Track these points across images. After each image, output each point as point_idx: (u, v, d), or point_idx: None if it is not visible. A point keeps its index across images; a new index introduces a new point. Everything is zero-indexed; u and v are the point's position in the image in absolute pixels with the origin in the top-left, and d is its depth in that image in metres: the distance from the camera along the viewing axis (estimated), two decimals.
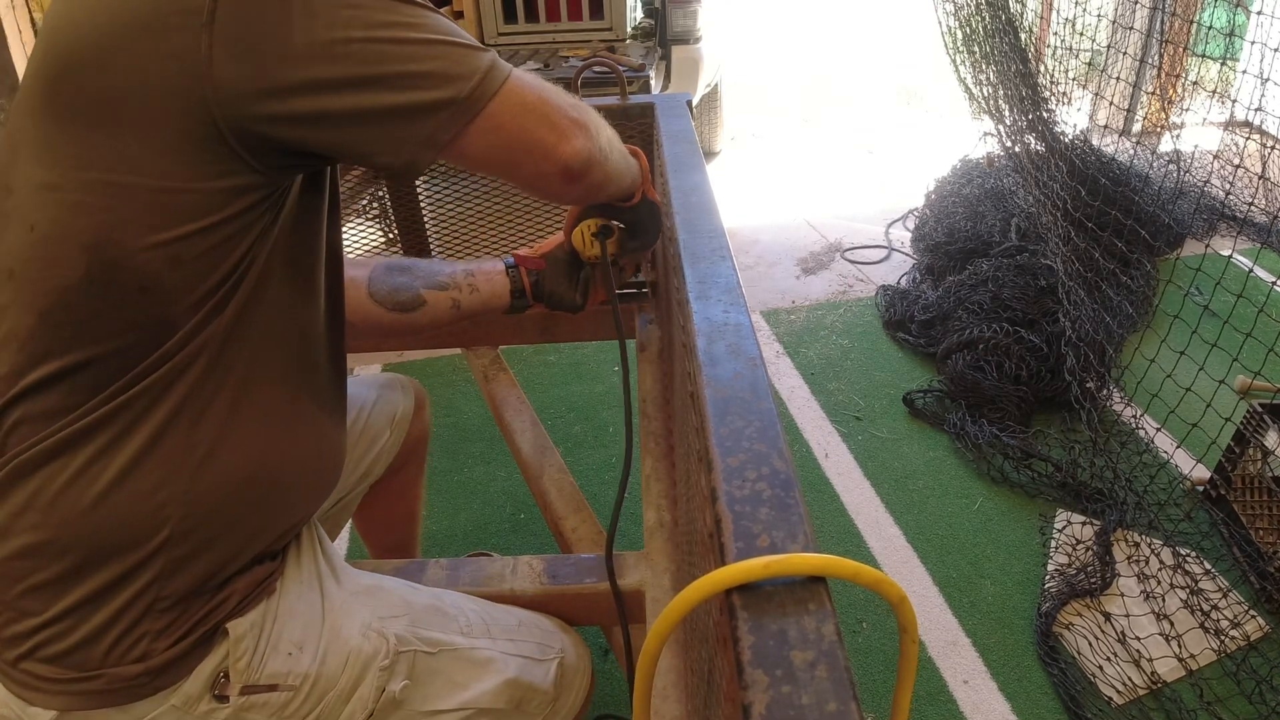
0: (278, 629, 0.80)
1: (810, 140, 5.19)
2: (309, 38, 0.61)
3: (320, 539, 0.92)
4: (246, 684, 0.77)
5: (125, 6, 0.61)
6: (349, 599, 0.88)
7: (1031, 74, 3.00)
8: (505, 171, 0.76)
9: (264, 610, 0.80)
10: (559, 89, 0.77)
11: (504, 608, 1.01)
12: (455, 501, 2.16)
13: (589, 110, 0.80)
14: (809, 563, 0.45)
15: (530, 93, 0.72)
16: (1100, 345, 2.36)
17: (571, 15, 3.44)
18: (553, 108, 0.74)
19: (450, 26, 0.69)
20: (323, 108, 0.63)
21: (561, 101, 0.75)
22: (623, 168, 0.92)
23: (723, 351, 0.68)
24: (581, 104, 0.79)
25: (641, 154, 1.03)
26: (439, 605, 0.95)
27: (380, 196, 2.48)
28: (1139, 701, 1.58)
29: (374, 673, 0.85)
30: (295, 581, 0.85)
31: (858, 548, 1.98)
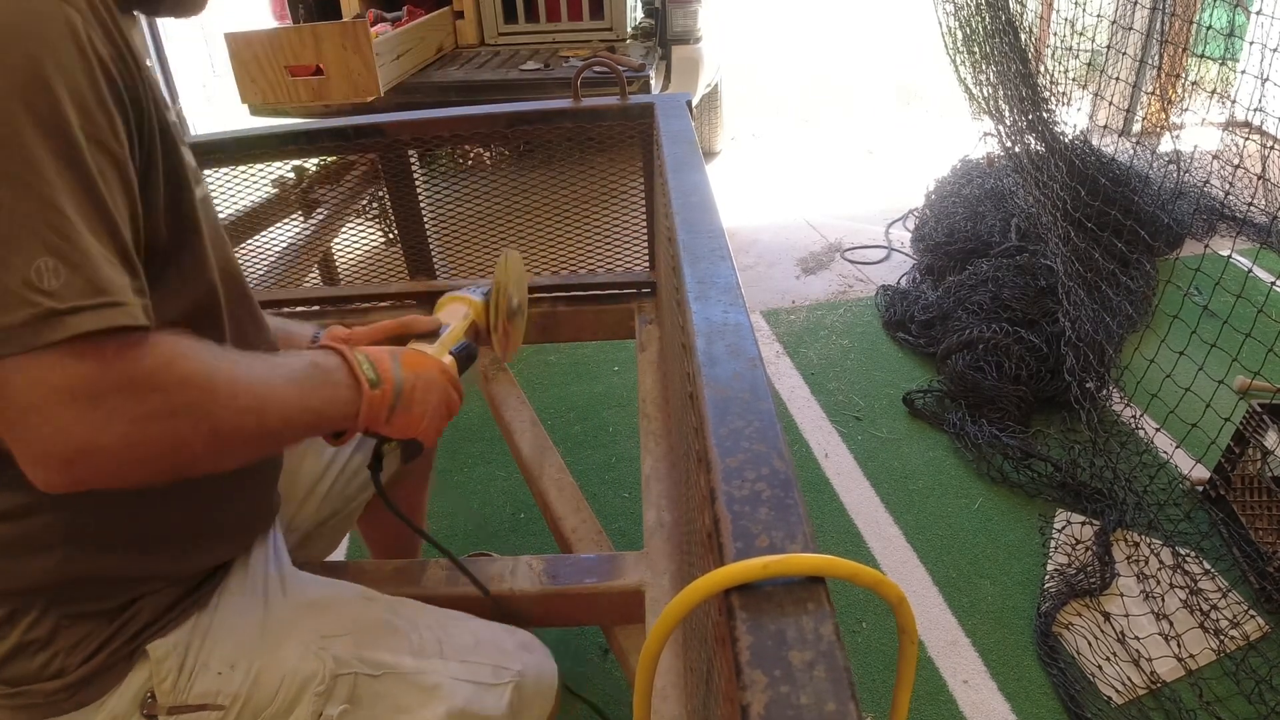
0: (209, 646, 0.79)
1: (810, 140, 5.19)
2: None
3: (275, 546, 0.90)
4: (173, 705, 0.77)
5: None
6: (293, 614, 0.85)
7: (1031, 74, 3.00)
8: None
9: (193, 626, 0.78)
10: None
11: (465, 623, 0.97)
12: (455, 501, 2.16)
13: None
14: (808, 563, 0.45)
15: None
16: (1100, 345, 2.37)
17: (571, 15, 3.45)
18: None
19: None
20: None
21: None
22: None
23: (722, 351, 0.68)
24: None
25: (365, 391, 0.79)
26: (392, 620, 0.91)
27: (380, 196, 2.48)
28: (1138, 701, 1.58)
29: (310, 696, 0.82)
30: (238, 594, 0.82)
31: (857, 548, 1.98)
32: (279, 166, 1.89)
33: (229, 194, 1.91)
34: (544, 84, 2.93)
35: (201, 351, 0.65)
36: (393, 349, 0.87)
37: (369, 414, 0.79)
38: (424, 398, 0.85)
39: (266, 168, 1.83)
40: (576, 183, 1.86)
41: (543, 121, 1.66)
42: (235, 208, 2.02)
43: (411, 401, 0.84)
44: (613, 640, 1.13)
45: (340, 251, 2.43)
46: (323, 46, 2.52)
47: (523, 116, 1.66)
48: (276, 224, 2.13)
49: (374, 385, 0.79)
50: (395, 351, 0.86)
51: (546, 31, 3.47)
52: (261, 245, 1.99)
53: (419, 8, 3.33)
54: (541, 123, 1.67)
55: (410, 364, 0.86)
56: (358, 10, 3.16)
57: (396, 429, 0.83)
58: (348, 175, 2.58)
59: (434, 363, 0.89)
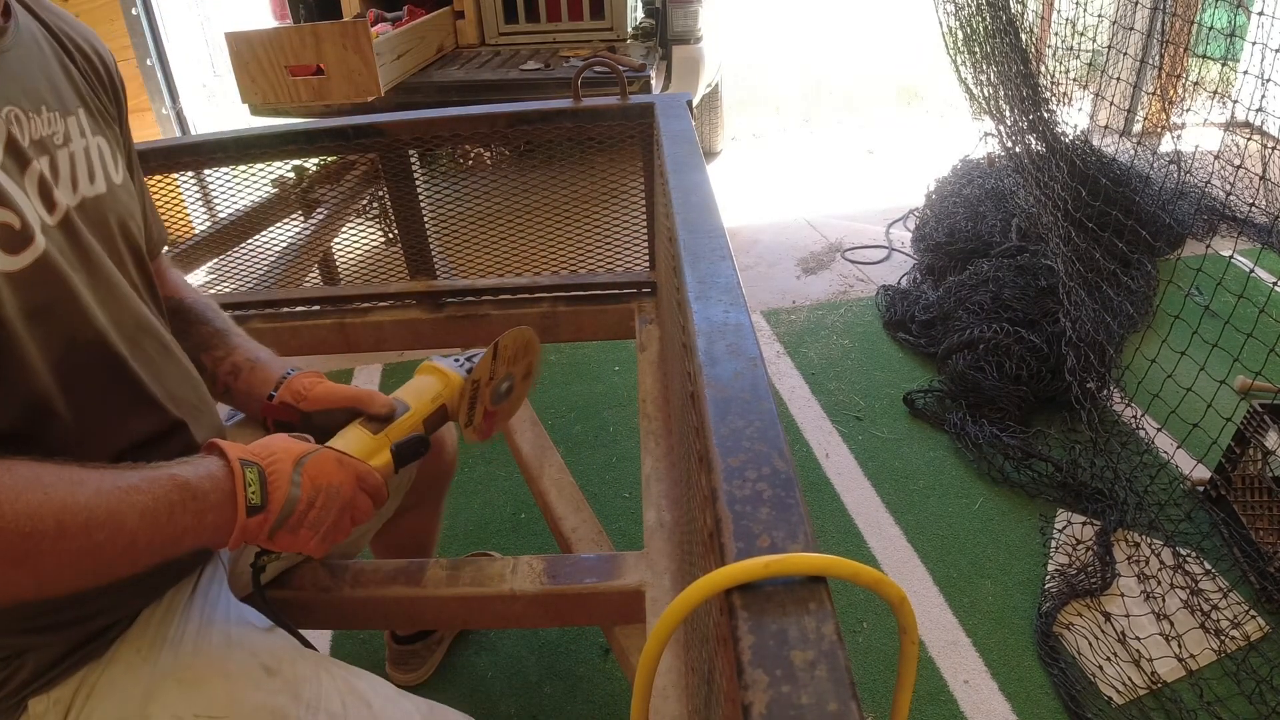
0: (90, 706, 0.75)
1: (810, 140, 5.19)
2: None
3: (199, 590, 0.85)
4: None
5: None
6: (173, 684, 0.79)
7: (1032, 74, 3.00)
8: None
9: (80, 681, 0.75)
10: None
11: (380, 709, 0.87)
12: (455, 501, 2.16)
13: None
14: (809, 563, 0.45)
15: None
16: (1101, 345, 2.36)
17: (572, 15, 3.45)
18: None
19: None
20: None
21: None
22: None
23: (723, 351, 0.68)
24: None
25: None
26: (283, 705, 0.82)
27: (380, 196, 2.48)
28: (1139, 701, 1.58)
29: None
30: (133, 649, 0.78)
31: (858, 548, 1.97)
32: (279, 166, 1.89)
33: (229, 194, 1.91)
34: (544, 84, 2.93)
35: (20, 494, 0.61)
36: (304, 451, 0.81)
37: (242, 536, 0.75)
38: (317, 517, 0.80)
39: (266, 168, 1.83)
40: (576, 183, 1.86)
41: (543, 121, 1.66)
42: (235, 208, 2.02)
43: (300, 523, 0.79)
44: (613, 640, 1.12)
45: (340, 251, 2.43)
46: (323, 46, 2.52)
47: (523, 116, 1.66)
48: (276, 224, 2.13)
49: (254, 511, 0.75)
50: (303, 458, 0.80)
51: (547, 31, 3.47)
52: (261, 245, 1.99)
53: (419, 7, 3.33)
54: (541, 123, 1.67)
55: (315, 475, 0.80)
56: (358, 10, 3.16)
57: (279, 545, 0.79)
58: (348, 175, 2.59)
59: (347, 475, 0.83)
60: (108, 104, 0.89)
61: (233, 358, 1.02)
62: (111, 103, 0.90)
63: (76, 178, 0.78)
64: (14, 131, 0.72)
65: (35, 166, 0.73)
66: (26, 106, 0.74)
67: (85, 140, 0.81)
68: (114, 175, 0.85)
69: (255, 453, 0.78)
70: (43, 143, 0.75)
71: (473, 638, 1.77)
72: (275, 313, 1.81)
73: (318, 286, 2.28)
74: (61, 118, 0.79)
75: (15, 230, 0.68)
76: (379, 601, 1.07)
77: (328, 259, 2.47)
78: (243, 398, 1.02)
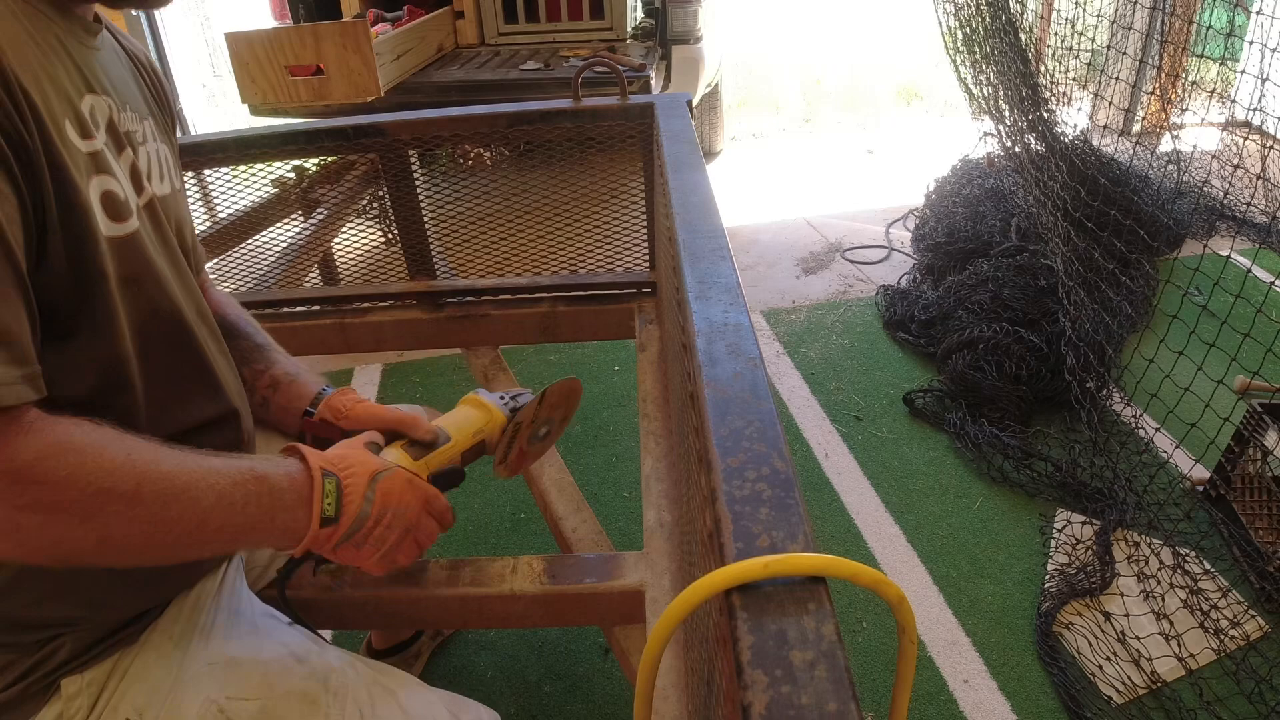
0: (122, 690, 0.76)
1: (810, 140, 5.19)
2: None
3: (226, 582, 0.87)
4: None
5: None
6: (206, 668, 0.81)
7: (1031, 74, 3.00)
8: None
9: (113, 665, 0.77)
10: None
11: (405, 698, 0.89)
12: (455, 501, 2.14)
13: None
14: (809, 563, 0.45)
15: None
16: (1100, 345, 2.37)
17: (572, 15, 3.45)
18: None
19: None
20: None
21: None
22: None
23: (722, 351, 0.68)
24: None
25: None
26: (313, 690, 0.84)
27: (380, 196, 2.48)
28: (1139, 701, 1.58)
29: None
30: (165, 636, 0.80)
31: (858, 548, 1.98)
32: (279, 166, 1.89)
33: (229, 194, 1.91)
34: (544, 84, 2.93)
35: (105, 448, 0.61)
36: (379, 468, 0.81)
37: (311, 544, 0.75)
38: (382, 535, 0.80)
39: (266, 168, 1.84)
40: (576, 183, 1.86)
41: (543, 121, 1.66)
42: (235, 208, 2.02)
43: (365, 539, 0.79)
44: (613, 640, 1.13)
45: (340, 251, 2.43)
46: (323, 46, 2.52)
47: (523, 116, 1.66)
48: (276, 224, 2.13)
49: (327, 523, 0.74)
50: (378, 475, 0.80)
51: (546, 31, 3.48)
52: (261, 245, 1.99)
53: (419, 7, 3.33)
54: (541, 123, 1.67)
55: (387, 494, 0.80)
56: (358, 10, 3.16)
57: (341, 558, 0.79)
58: (348, 175, 2.59)
59: (416, 498, 0.84)
60: (167, 118, 0.95)
61: (271, 371, 1.04)
62: (167, 117, 0.95)
63: (152, 174, 0.84)
64: (114, 117, 0.77)
65: (128, 153, 0.78)
66: (117, 101, 0.79)
67: (156, 144, 0.87)
68: (175, 181, 0.90)
69: (334, 462, 0.77)
70: (130, 135, 0.80)
71: (473, 637, 1.77)
72: (275, 313, 1.81)
73: (318, 286, 2.28)
74: (139, 119, 0.84)
75: (119, 200, 0.73)
76: (379, 601, 1.07)
77: (328, 259, 2.47)
78: (279, 411, 1.04)
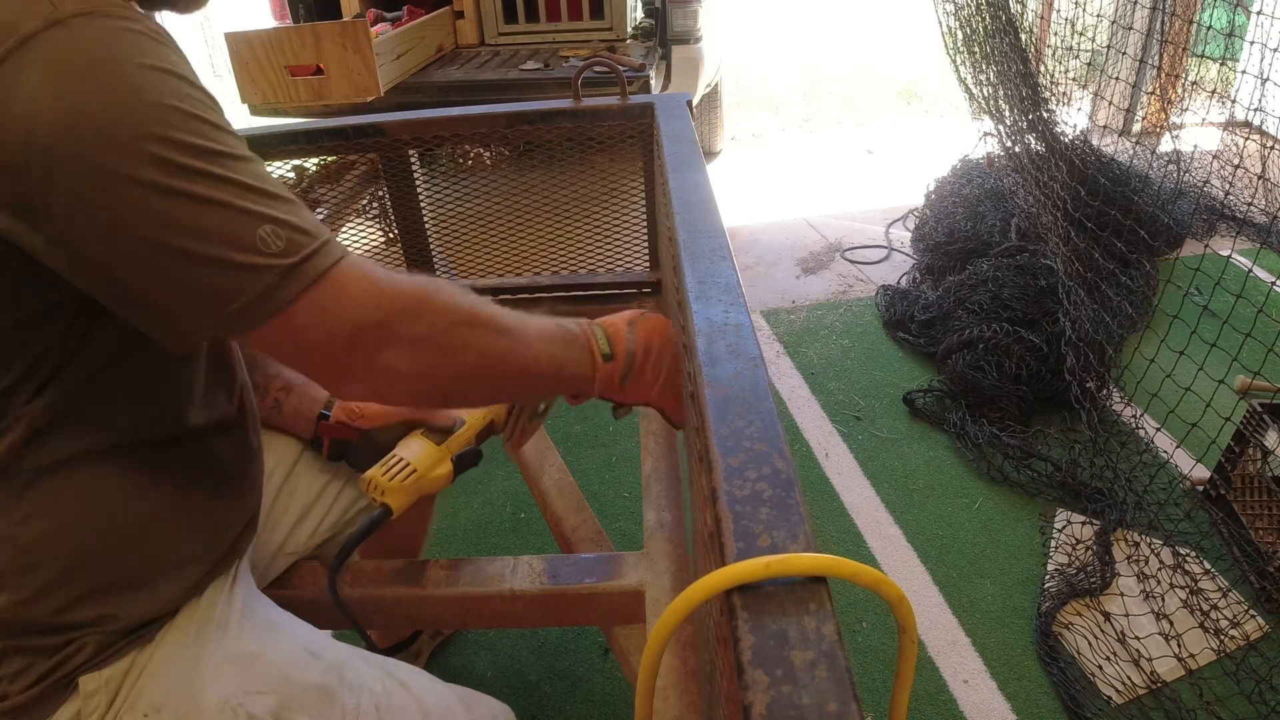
0: (140, 687, 0.77)
1: (810, 140, 5.19)
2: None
3: (236, 582, 0.88)
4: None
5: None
6: (223, 663, 0.82)
7: (1031, 74, 3.00)
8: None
9: (130, 663, 0.77)
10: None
11: (418, 690, 0.93)
12: (455, 501, 2.16)
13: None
14: (809, 563, 0.45)
15: None
16: (1100, 345, 2.37)
17: (572, 15, 3.45)
18: None
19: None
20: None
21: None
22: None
23: (723, 351, 0.68)
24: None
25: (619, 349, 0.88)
26: (329, 685, 0.87)
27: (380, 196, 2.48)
28: (1138, 701, 1.58)
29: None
30: (181, 633, 0.81)
31: (858, 548, 1.98)
32: (279, 166, 1.89)
33: None
34: (544, 84, 2.92)
35: (446, 290, 0.74)
36: (634, 315, 0.92)
37: (603, 384, 0.87)
38: (655, 366, 0.90)
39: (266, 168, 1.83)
40: (576, 183, 1.86)
41: (543, 121, 1.66)
42: None
43: (642, 371, 0.90)
44: (613, 640, 1.13)
45: None
46: (323, 46, 2.52)
47: (523, 116, 1.66)
48: None
49: (607, 359, 0.87)
50: (634, 320, 0.91)
51: (546, 31, 3.47)
52: None
53: (419, 7, 3.33)
54: (541, 123, 1.67)
55: (647, 332, 0.91)
56: (358, 10, 3.16)
57: (628, 395, 0.91)
58: (348, 175, 2.58)
59: (665, 328, 0.93)
60: None
61: (285, 375, 1.09)
62: None
63: None
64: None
65: None
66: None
67: None
68: None
69: (598, 320, 0.90)
70: None
71: (472, 637, 1.77)
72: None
73: None
74: None
75: None
76: (379, 601, 1.07)
77: None
78: (292, 414, 1.08)
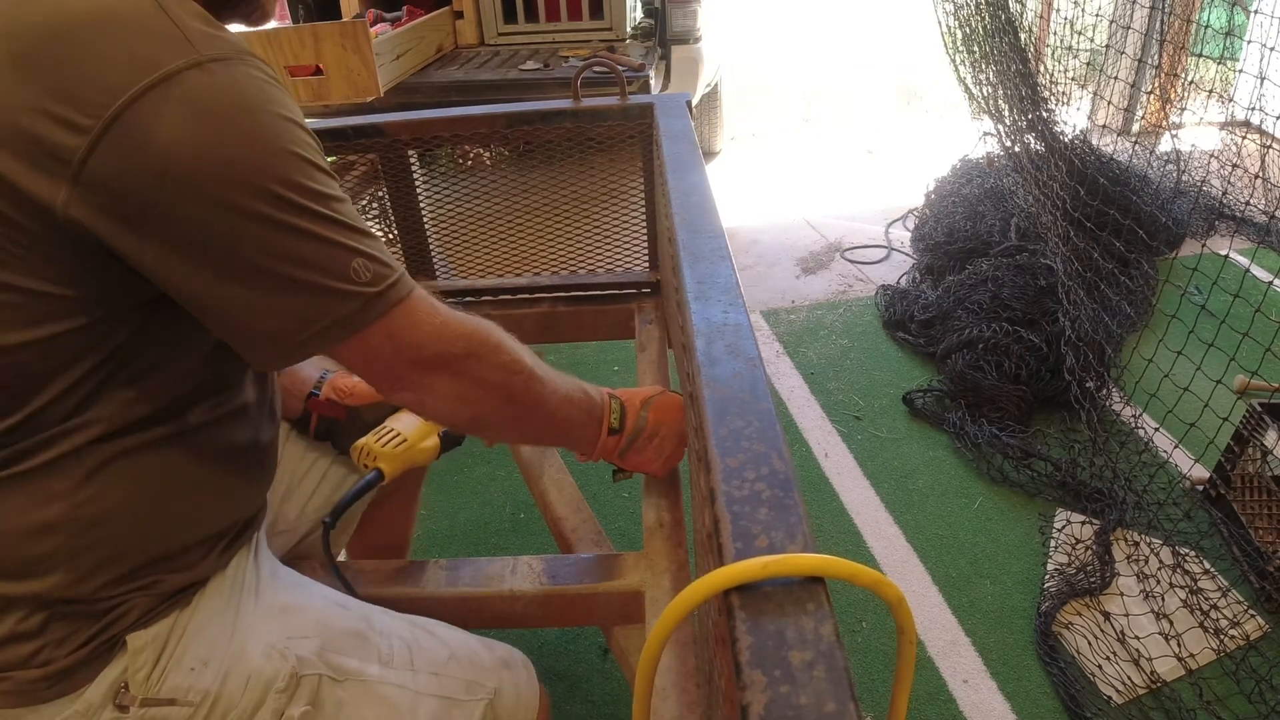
0: (184, 644, 0.80)
1: (810, 140, 5.19)
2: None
3: (257, 549, 0.91)
4: (146, 697, 0.77)
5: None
6: (261, 617, 0.86)
7: (1031, 74, 3.00)
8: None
9: (172, 623, 0.79)
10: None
11: (442, 635, 0.97)
12: (455, 501, 2.16)
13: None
14: (808, 563, 0.45)
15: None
16: (1099, 345, 2.37)
17: (571, 15, 3.45)
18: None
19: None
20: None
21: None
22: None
23: (722, 351, 0.68)
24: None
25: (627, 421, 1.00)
26: (362, 629, 0.91)
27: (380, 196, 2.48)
28: (1138, 701, 1.58)
29: (272, 695, 0.83)
30: (216, 595, 0.83)
31: (857, 548, 1.98)
32: None
33: None
34: (544, 84, 2.93)
35: (497, 331, 0.82)
36: (652, 393, 1.03)
37: (603, 451, 0.98)
38: (660, 445, 1.02)
39: None
40: (576, 183, 1.86)
41: (543, 121, 1.66)
42: None
43: (645, 447, 1.01)
44: (612, 640, 1.12)
45: None
46: (322, 46, 2.52)
47: (523, 116, 1.66)
48: None
49: (613, 432, 0.97)
50: (650, 399, 1.02)
51: (546, 31, 3.47)
52: None
53: (419, 8, 3.33)
54: (541, 123, 1.67)
55: (659, 411, 1.01)
56: (357, 10, 3.16)
57: (630, 465, 1.02)
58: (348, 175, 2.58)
59: (677, 410, 1.03)
60: None
61: None
62: None
63: None
64: None
65: None
66: None
67: None
68: None
69: (617, 393, 1.00)
70: None
71: None
72: None
73: None
74: None
75: None
76: (378, 601, 1.07)
77: None
78: (281, 392, 1.09)
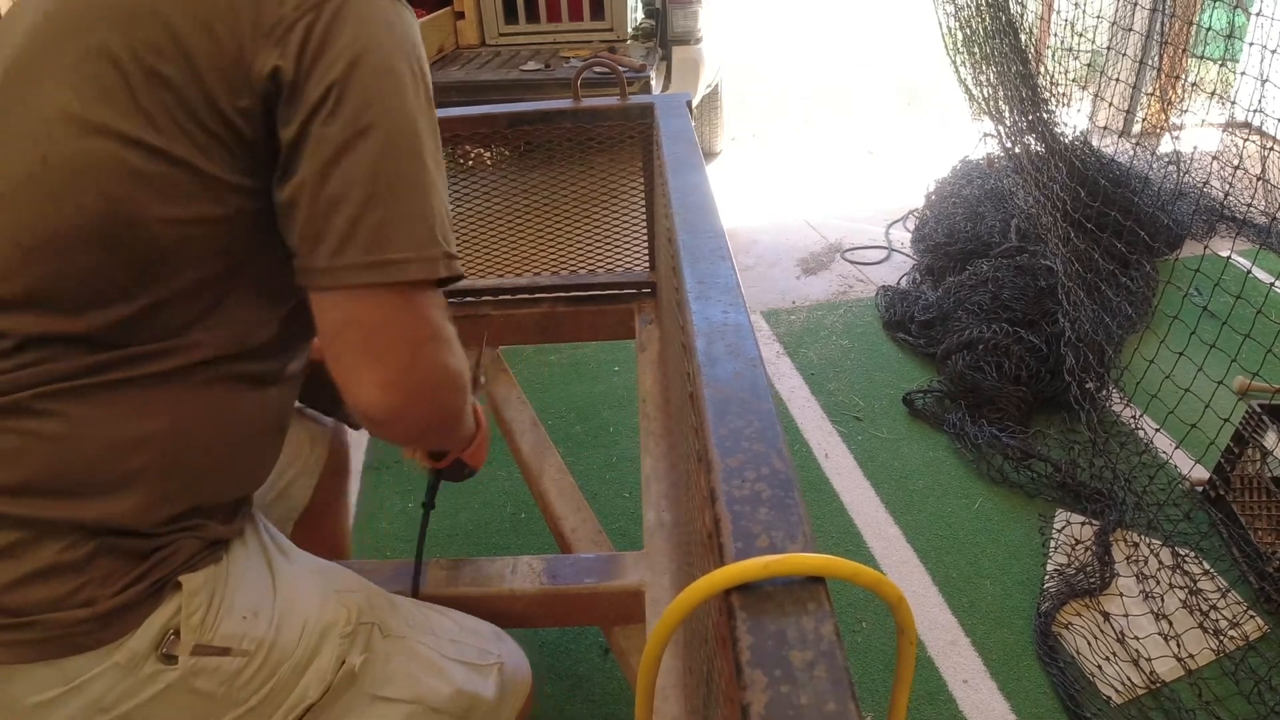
0: (230, 591, 0.76)
1: (810, 141, 5.19)
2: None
3: (265, 525, 0.90)
4: (199, 643, 0.72)
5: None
6: (302, 573, 0.85)
7: (1031, 75, 3.00)
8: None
9: (213, 572, 0.75)
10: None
11: (443, 613, 0.99)
12: (455, 501, 2.16)
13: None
14: (808, 563, 0.45)
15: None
16: (1100, 346, 2.37)
17: (572, 15, 3.45)
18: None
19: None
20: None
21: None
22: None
23: (722, 351, 0.68)
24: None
25: (481, 422, 1.04)
26: (389, 595, 0.94)
27: None
28: (1138, 701, 1.58)
29: (334, 641, 0.81)
30: (241, 555, 0.81)
31: (857, 548, 1.98)
32: None
33: None
34: (544, 84, 2.93)
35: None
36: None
37: (467, 451, 1.01)
38: (483, 439, 1.05)
39: None
40: (576, 183, 1.86)
41: (543, 122, 1.67)
42: None
43: (481, 442, 1.03)
44: (613, 640, 1.13)
45: None
46: None
47: (523, 116, 1.66)
48: None
49: (476, 430, 1.01)
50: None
51: (547, 32, 3.48)
52: None
53: (419, 8, 3.33)
54: (541, 123, 1.67)
55: (481, 413, 1.05)
56: None
57: (469, 457, 1.04)
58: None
59: (481, 415, 1.07)
60: None
61: None
62: None
63: None
64: None
65: None
66: None
67: None
68: None
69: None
70: None
71: None
72: None
73: None
74: None
75: None
76: None
77: None
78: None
